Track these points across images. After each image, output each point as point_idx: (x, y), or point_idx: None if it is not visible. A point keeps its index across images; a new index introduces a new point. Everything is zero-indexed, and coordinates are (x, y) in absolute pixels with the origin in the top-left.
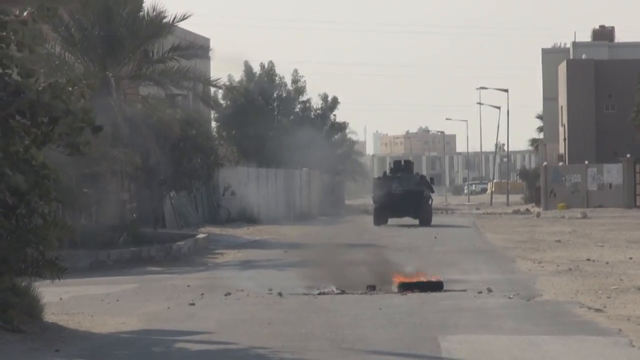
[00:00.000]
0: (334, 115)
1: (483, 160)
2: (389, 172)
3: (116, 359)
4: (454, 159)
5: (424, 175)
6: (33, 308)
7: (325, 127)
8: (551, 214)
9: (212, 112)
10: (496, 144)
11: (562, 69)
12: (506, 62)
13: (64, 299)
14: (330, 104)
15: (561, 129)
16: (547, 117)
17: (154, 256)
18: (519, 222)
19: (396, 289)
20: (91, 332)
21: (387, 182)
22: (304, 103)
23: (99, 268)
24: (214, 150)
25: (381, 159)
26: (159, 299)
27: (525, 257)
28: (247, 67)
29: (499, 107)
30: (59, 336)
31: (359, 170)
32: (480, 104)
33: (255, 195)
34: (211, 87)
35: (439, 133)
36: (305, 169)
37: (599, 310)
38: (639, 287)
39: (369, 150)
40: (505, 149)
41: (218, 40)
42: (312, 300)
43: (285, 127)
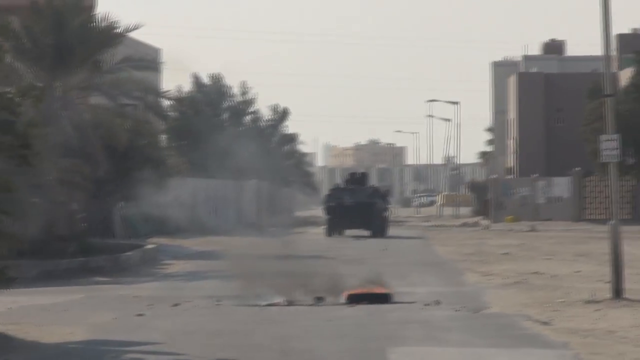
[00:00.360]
0: (285, 127)
1: (432, 172)
2: (344, 183)
3: None
4: (404, 171)
5: (377, 188)
6: None
7: (275, 139)
8: (500, 226)
9: (162, 123)
10: (446, 157)
11: (512, 82)
12: (457, 75)
13: (12, 309)
14: (281, 115)
15: (511, 141)
16: (497, 130)
17: (103, 266)
18: (467, 234)
19: (344, 300)
20: (39, 342)
21: (340, 194)
22: (254, 114)
23: (47, 278)
24: (163, 160)
25: (331, 171)
26: (107, 309)
27: (473, 269)
28: (196, 78)
29: (449, 120)
30: (6, 346)
31: (308, 182)
32: (430, 116)
33: (204, 206)
34: (162, 98)
35: (389, 145)
36: (254, 180)
37: (546, 323)
38: (586, 300)
39: (319, 161)
40: (455, 161)
41: (168, 51)
42: (260, 311)
43: (234, 138)
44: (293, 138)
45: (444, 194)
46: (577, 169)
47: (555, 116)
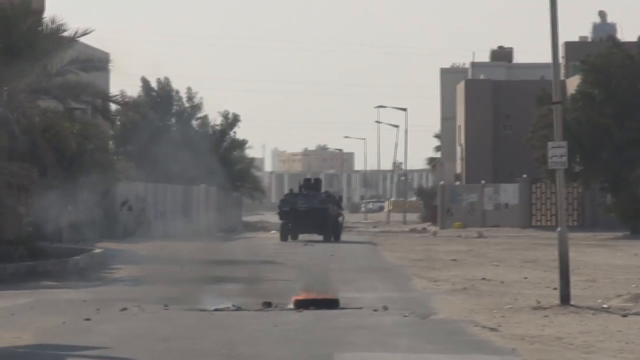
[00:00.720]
0: (234, 133)
1: (381, 178)
2: (299, 188)
3: None
4: (352, 176)
5: (330, 193)
6: None
7: (224, 144)
8: (447, 232)
9: (110, 127)
10: (394, 163)
11: (460, 89)
12: (405, 81)
13: None
14: (231, 121)
15: (459, 148)
16: (445, 137)
17: (50, 270)
18: (415, 240)
19: (292, 306)
20: None
21: (294, 199)
22: (202, 119)
23: None
24: (111, 164)
25: (279, 176)
26: (54, 313)
27: (421, 275)
28: (145, 82)
29: (397, 126)
30: None
31: (256, 187)
32: (378, 122)
33: (152, 210)
34: (110, 102)
35: (337, 151)
36: (202, 185)
37: (494, 329)
38: (533, 307)
39: (267, 167)
40: (403, 167)
41: (117, 55)
42: (208, 316)
43: (182, 143)
44: (242, 143)
45: (391, 200)
46: (524, 175)
47: (503, 123)
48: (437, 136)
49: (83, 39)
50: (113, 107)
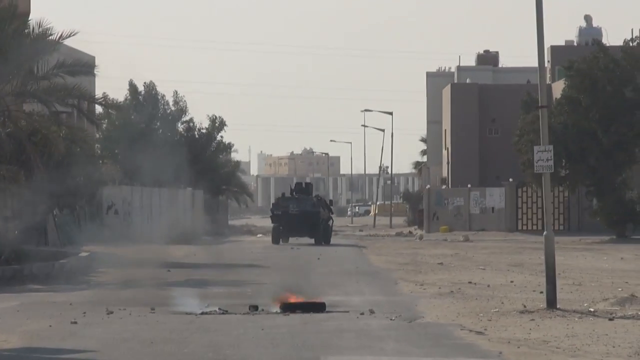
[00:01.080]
0: (221, 137)
1: (367, 182)
2: (290, 192)
3: None
4: (338, 180)
5: (321, 197)
6: None
7: (210, 148)
8: (434, 236)
9: (96, 131)
10: (380, 167)
11: (446, 93)
12: (391, 85)
13: None
14: (218, 125)
15: (445, 152)
16: (431, 141)
17: (36, 274)
18: (401, 244)
19: (278, 309)
20: None
21: (285, 203)
22: (187, 123)
23: None
24: (97, 168)
25: (265, 180)
26: (40, 316)
27: (407, 279)
28: (132, 86)
29: (383, 130)
30: None
31: (242, 191)
32: (364, 126)
33: (138, 214)
34: (96, 105)
35: (324, 155)
36: (189, 188)
37: (480, 333)
38: (520, 310)
39: (254, 170)
40: (389, 171)
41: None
42: (194, 319)
43: (168, 147)
44: (228, 147)
45: (378, 203)
46: (510, 179)
47: (489, 127)
48: (423, 140)
49: (69, 42)
50: (99, 110)
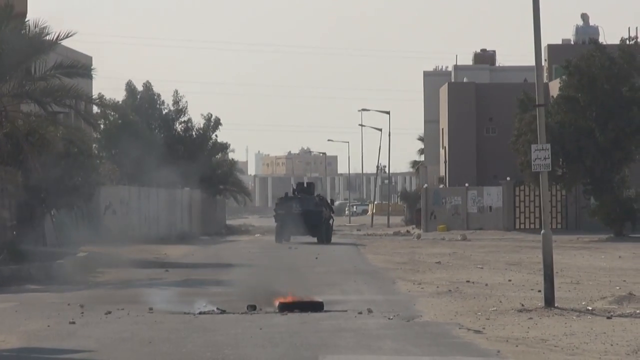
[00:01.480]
0: (216, 136)
1: (364, 181)
2: (293, 192)
3: None
4: (335, 180)
5: (323, 197)
6: None
7: (207, 147)
8: (431, 235)
9: (93, 131)
10: (377, 166)
11: (443, 92)
12: (388, 84)
13: None
14: (213, 124)
15: (442, 151)
16: (428, 140)
17: (34, 274)
18: (399, 243)
19: (277, 309)
20: None
21: (288, 202)
22: (185, 123)
23: None
24: (95, 168)
25: (263, 180)
26: (39, 317)
27: (405, 278)
28: (131, 86)
29: (380, 129)
30: None
31: (240, 190)
32: (362, 125)
33: (136, 214)
34: (93, 106)
35: (321, 154)
36: (186, 188)
37: (479, 332)
38: (518, 309)
39: (251, 170)
40: (387, 170)
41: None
42: (192, 319)
43: (166, 147)
44: (225, 147)
45: (375, 203)
46: (508, 178)
47: (486, 126)
48: (421, 139)
49: (66, 43)
50: (96, 110)
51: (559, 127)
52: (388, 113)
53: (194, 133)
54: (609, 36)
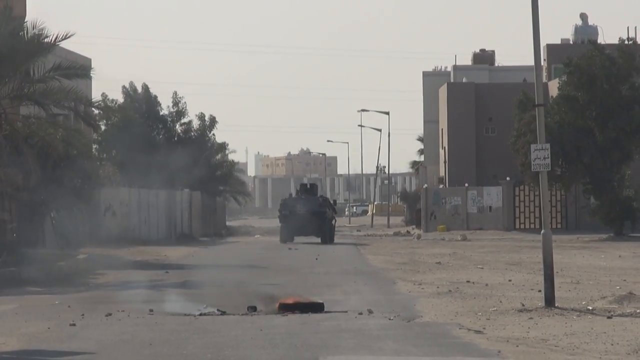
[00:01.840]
0: (213, 135)
1: (364, 182)
2: (296, 193)
3: None
4: (335, 180)
5: (327, 198)
6: None
7: (206, 148)
8: (431, 236)
9: (93, 132)
10: (377, 166)
11: (442, 92)
12: (388, 85)
13: None
14: (209, 123)
15: (441, 151)
16: (428, 140)
17: (34, 276)
18: (399, 244)
19: (277, 310)
20: None
21: (292, 203)
22: (185, 124)
23: None
24: (95, 170)
25: (263, 180)
26: (39, 319)
27: (405, 278)
28: (131, 87)
29: (380, 130)
30: None
31: (240, 191)
32: (361, 126)
33: (136, 216)
34: (93, 108)
35: (321, 155)
36: (186, 190)
37: (479, 332)
38: (518, 309)
39: (251, 171)
40: (386, 171)
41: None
42: (193, 321)
43: (166, 148)
44: (223, 146)
45: (375, 203)
46: (508, 178)
47: (486, 126)
48: (420, 139)
49: (65, 45)
50: (95, 112)
51: (558, 127)
52: (387, 113)
53: (193, 134)
54: (608, 36)
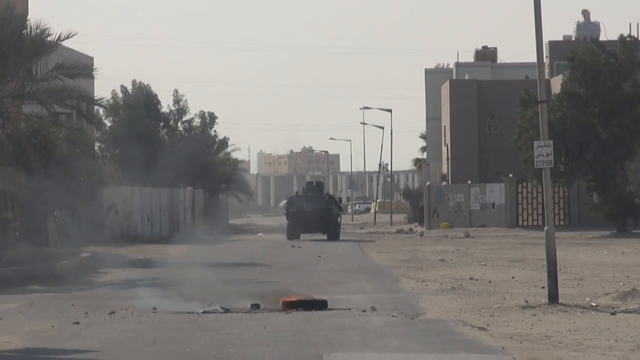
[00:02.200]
0: (214, 132)
1: (367, 179)
2: (303, 191)
3: None
4: (338, 178)
5: (332, 195)
6: None
7: (209, 146)
8: (434, 233)
9: (96, 131)
10: (380, 164)
11: (445, 89)
12: (390, 82)
13: None
14: (209, 120)
15: (444, 148)
16: (430, 137)
17: (38, 275)
18: (402, 241)
19: (280, 307)
20: None
21: (299, 201)
22: (187, 122)
23: None
24: (98, 169)
25: (265, 179)
26: (42, 317)
27: (409, 276)
28: (133, 86)
29: (382, 127)
30: None
31: (243, 190)
32: (364, 123)
33: (139, 214)
34: (95, 106)
35: (323, 153)
36: (189, 188)
37: (483, 329)
38: (522, 306)
39: (253, 169)
40: (389, 168)
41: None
42: (196, 318)
43: (168, 146)
44: (224, 142)
45: (378, 201)
46: (510, 175)
47: (488, 123)
48: (423, 137)
49: (67, 43)
50: (100, 110)
51: (561, 124)
52: (390, 111)
53: (195, 132)
54: (610, 33)
